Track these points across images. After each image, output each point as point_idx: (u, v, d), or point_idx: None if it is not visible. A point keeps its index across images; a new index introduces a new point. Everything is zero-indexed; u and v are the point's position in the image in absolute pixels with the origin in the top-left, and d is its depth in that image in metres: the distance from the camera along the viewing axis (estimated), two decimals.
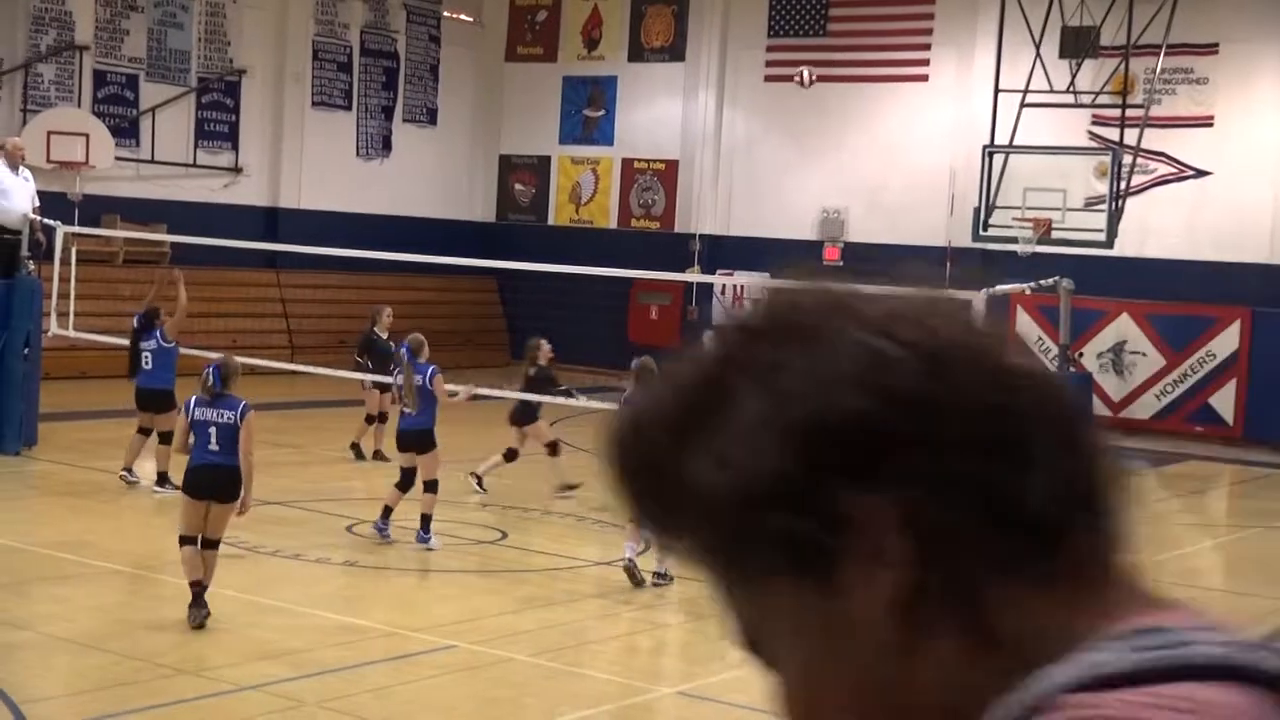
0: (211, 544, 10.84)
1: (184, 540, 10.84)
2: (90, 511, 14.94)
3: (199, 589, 10.76)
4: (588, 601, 12.86)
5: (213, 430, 10.78)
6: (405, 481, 14.04)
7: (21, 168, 18.67)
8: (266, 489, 16.33)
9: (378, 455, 18.57)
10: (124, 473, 15.91)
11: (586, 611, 12.50)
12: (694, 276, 29.77)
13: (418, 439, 13.98)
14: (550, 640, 11.27)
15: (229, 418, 10.78)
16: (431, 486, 13.97)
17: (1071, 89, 26.27)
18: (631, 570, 12.77)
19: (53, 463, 17.44)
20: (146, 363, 16.17)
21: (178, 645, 10.46)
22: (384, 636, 11.09)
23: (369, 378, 18.35)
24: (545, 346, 17.16)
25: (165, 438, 15.02)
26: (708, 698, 10.11)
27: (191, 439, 10.88)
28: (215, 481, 10.74)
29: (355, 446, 18.75)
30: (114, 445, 16.28)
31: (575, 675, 10.49)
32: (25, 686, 9.29)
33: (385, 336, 18.84)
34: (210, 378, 10.97)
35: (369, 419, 18.76)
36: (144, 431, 16.00)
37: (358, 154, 31.88)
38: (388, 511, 14.07)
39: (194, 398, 11.01)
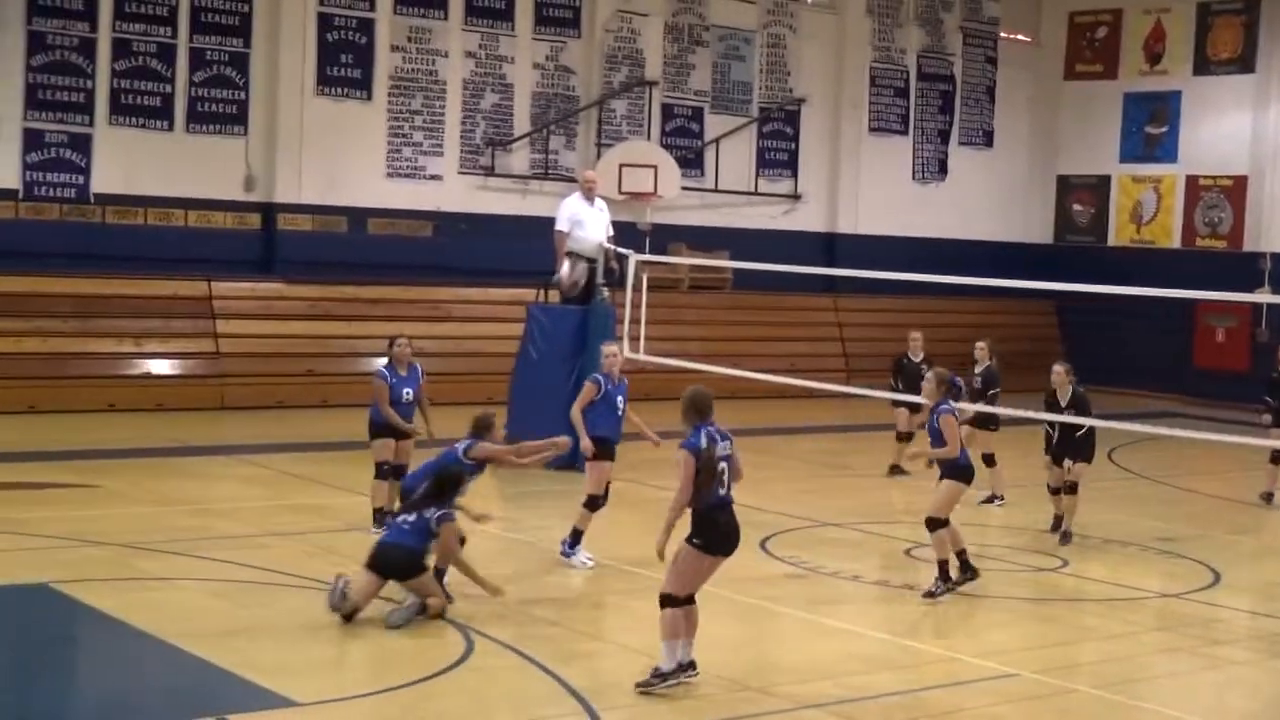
0: None
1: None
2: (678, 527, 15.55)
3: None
4: (1149, 634, 12.53)
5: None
6: None
7: (597, 199, 19.62)
8: (824, 510, 16.72)
9: (894, 470, 19.06)
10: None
11: (1148, 644, 12.18)
12: (1264, 297, 28.43)
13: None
14: (1112, 673, 11.05)
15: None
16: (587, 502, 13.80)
17: None
18: None
19: (623, 480, 18.23)
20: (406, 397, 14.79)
21: (741, 660, 10.82)
22: (943, 661, 11.13)
23: (900, 397, 18.80)
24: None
25: (379, 472, 14.60)
26: None
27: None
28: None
29: (894, 468, 19.19)
30: (667, 464, 16.75)
31: (1139, 710, 10.24)
32: (604, 694, 9.83)
33: (918, 360, 19.22)
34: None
35: (899, 437, 19.25)
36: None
37: (914, 178, 32.06)
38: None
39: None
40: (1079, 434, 15.62)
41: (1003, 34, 33.28)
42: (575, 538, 13.73)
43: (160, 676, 10.12)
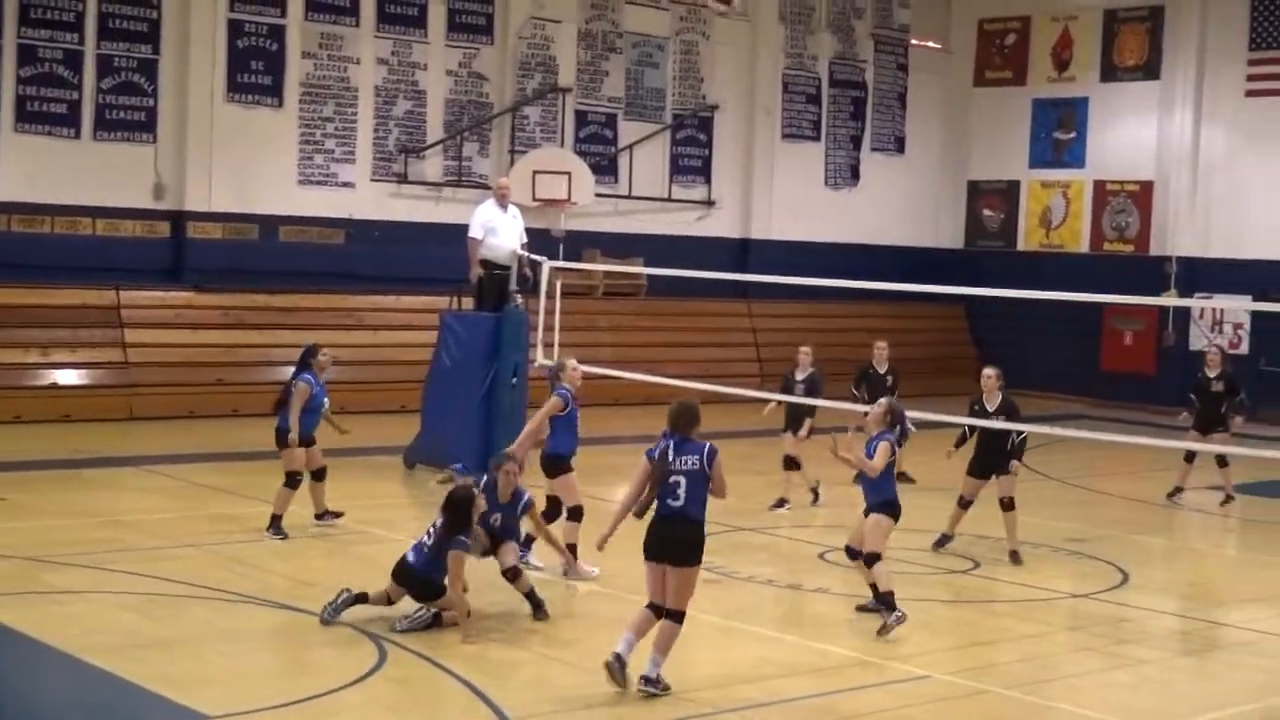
0: None
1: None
2: (585, 537, 15.52)
3: None
4: (1060, 634, 12.66)
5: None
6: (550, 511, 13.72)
7: (510, 206, 19.59)
8: (737, 515, 16.75)
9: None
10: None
11: (1059, 645, 12.31)
12: (1170, 300, 28.82)
13: (544, 463, 13.78)
14: (1024, 673, 11.15)
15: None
16: (572, 514, 13.63)
17: None
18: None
19: (537, 486, 18.18)
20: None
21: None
22: (856, 665, 11.19)
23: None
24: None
25: (291, 481, 14.86)
26: None
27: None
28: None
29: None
30: (595, 471, 16.78)
31: (1051, 710, 10.34)
32: (518, 703, 9.79)
33: (883, 370, 19.16)
34: None
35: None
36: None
37: (826, 184, 32.23)
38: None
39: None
40: (1009, 445, 15.07)
41: (913, 41, 33.53)
42: (571, 553, 13.55)
43: (68, 691, 9.99)
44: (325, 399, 15.12)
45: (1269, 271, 28.97)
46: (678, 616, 10.14)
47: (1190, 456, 19.26)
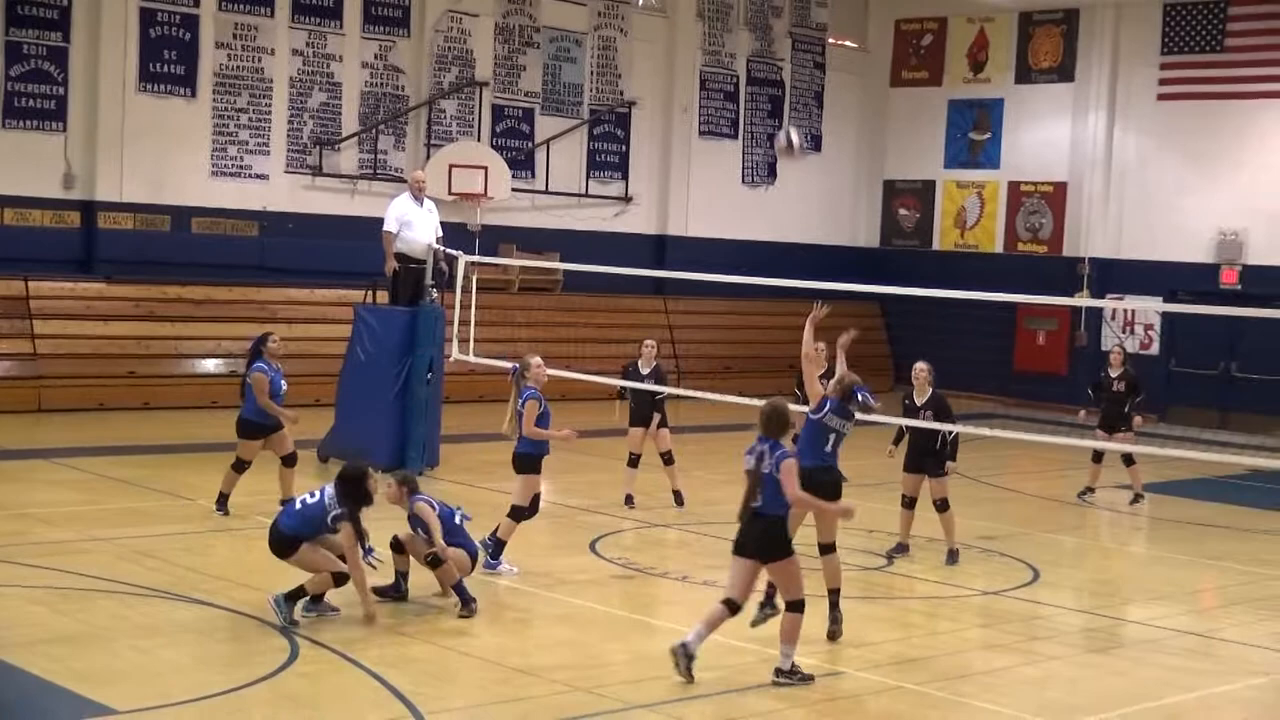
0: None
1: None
2: (486, 530, 15.48)
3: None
4: (972, 631, 12.75)
5: None
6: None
7: (426, 200, 19.51)
8: (652, 512, 16.77)
9: None
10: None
11: (971, 641, 12.39)
12: (1083, 301, 29.11)
13: (514, 462, 13.68)
14: (936, 669, 11.22)
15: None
16: (515, 513, 13.56)
17: None
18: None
19: (454, 483, 18.17)
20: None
21: (570, 662, 10.81)
22: (771, 661, 11.19)
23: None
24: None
25: (238, 465, 15.33)
26: None
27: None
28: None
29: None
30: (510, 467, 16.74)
31: (963, 706, 10.41)
32: (430, 698, 9.75)
33: (821, 374, 19.18)
34: None
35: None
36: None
37: (743, 181, 32.31)
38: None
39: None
40: (939, 442, 15.00)
41: (831, 40, 33.68)
42: (499, 548, 13.48)
43: None
44: (283, 383, 15.38)
45: (1179, 273, 29.35)
46: (795, 606, 10.52)
47: (1098, 456, 19.54)
